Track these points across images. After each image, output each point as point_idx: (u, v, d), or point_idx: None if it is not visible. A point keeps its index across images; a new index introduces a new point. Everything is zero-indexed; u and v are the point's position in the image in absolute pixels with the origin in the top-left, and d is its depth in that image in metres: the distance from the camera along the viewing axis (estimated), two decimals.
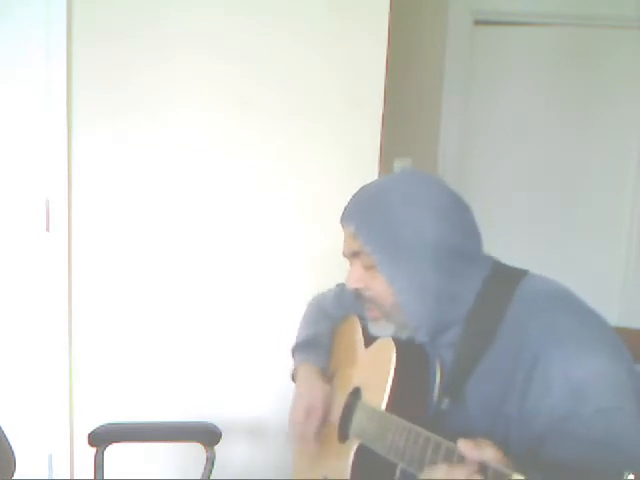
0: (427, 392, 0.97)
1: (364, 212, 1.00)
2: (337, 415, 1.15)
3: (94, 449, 1.44)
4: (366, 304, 1.04)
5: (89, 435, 1.45)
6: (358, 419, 1.06)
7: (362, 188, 1.05)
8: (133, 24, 1.81)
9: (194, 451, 1.50)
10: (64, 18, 1.76)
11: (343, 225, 1.03)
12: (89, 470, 1.45)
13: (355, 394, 1.11)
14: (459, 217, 0.99)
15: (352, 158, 1.87)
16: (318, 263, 1.88)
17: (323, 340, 1.28)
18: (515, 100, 2.62)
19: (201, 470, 1.46)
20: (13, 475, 1.22)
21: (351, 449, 1.03)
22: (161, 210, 1.88)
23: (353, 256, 1.02)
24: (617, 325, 0.96)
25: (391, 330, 1.02)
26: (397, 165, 2.34)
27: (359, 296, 1.04)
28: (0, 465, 1.20)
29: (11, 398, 1.90)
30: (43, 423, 1.92)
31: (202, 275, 1.91)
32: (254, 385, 1.95)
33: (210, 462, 1.46)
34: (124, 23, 1.81)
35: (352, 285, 1.02)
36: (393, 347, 1.00)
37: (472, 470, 0.67)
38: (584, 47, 2.59)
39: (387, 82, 1.87)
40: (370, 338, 1.10)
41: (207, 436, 1.48)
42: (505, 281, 0.97)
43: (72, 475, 1.94)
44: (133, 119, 1.84)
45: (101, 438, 1.46)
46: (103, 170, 1.86)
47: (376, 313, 1.03)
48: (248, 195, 1.89)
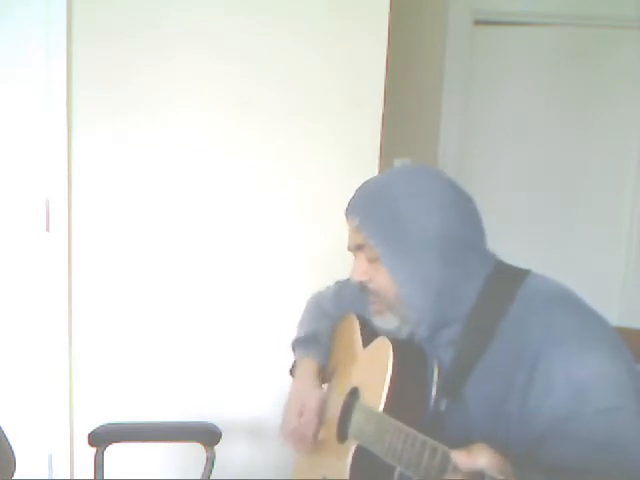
0: (425, 393, 0.97)
1: (368, 205, 1.00)
2: (336, 415, 1.15)
3: (94, 449, 1.44)
4: (370, 297, 1.04)
5: (89, 435, 1.45)
6: (356, 420, 1.05)
7: (366, 182, 1.05)
8: (133, 24, 1.81)
9: (194, 451, 1.50)
10: (64, 18, 1.76)
11: (347, 218, 1.03)
12: (89, 470, 1.45)
13: (353, 394, 1.11)
14: (462, 209, 0.98)
15: (352, 158, 1.87)
16: (318, 263, 1.88)
17: (323, 338, 1.28)
18: (515, 100, 2.62)
19: (201, 470, 1.46)
20: (13, 475, 1.22)
21: (350, 450, 1.03)
22: (161, 210, 1.89)
23: (357, 249, 1.02)
24: (617, 325, 0.96)
25: (395, 324, 1.01)
26: (397, 165, 2.34)
27: (363, 289, 1.04)
28: (0, 465, 1.20)
29: (11, 398, 1.90)
30: (43, 423, 1.92)
31: (202, 275, 1.91)
32: (254, 385, 1.95)
33: (210, 462, 1.46)
34: (124, 23, 1.81)
35: (356, 278, 1.02)
36: (390, 347, 0.99)
37: None
38: (584, 47, 2.59)
39: (387, 82, 1.87)
40: (368, 337, 1.10)
41: (207, 436, 1.48)
42: (508, 280, 0.97)
43: (72, 475, 1.94)
44: (133, 119, 1.84)
45: (101, 438, 1.46)
46: (103, 170, 1.86)
47: (380, 306, 1.03)
48: (248, 195, 1.89)
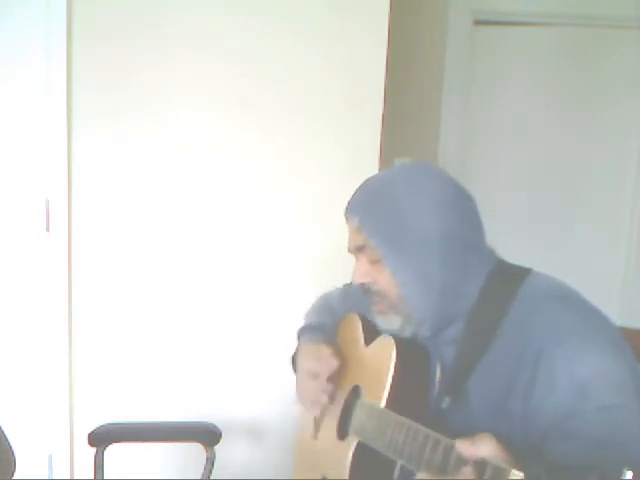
0: (427, 391, 0.97)
1: (367, 205, 0.99)
2: (337, 413, 1.15)
3: (94, 449, 1.44)
4: (373, 298, 1.03)
5: (89, 435, 1.45)
6: (358, 417, 1.05)
7: (365, 181, 1.04)
8: (133, 24, 1.81)
9: (194, 451, 1.50)
10: (64, 18, 1.76)
11: (347, 218, 1.02)
12: (89, 470, 1.45)
13: (355, 392, 1.11)
14: (463, 207, 0.98)
15: (352, 158, 1.87)
16: (318, 263, 1.88)
17: (329, 330, 1.26)
18: (515, 100, 2.62)
19: (201, 470, 1.46)
20: (13, 475, 1.22)
21: (350, 447, 1.03)
22: (161, 210, 1.88)
23: (358, 251, 1.01)
24: (617, 325, 0.96)
25: (398, 324, 1.00)
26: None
27: (366, 291, 1.02)
28: (0, 465, 1.21)
29: (11, 398, 1.90)
30: (43, 423, 1.92)
31: (202, 275, 1.91)
32: (254, 385, 1.95)
33: (210, 462, 1.46)
34: (124, 23, 1.81)
35: (358, 280, 1.01)
36: (393, 345, 0.99)
37: (468, 472, 0.67)
38: (584, 47, 2.59)
39: (387, 82, 1.87)
40: (371, 336, 1.10)
41: (207, 436, 1.48)
42: (509, 278, 0.97)
43: (72, 475, 1.94)
44: (133, 119, 1.84)
45: (101, 438, 1.46)
46: (103, 170, 1.86)
47: (383, 307, 1.01)
48: (248, 195, 1.89)
